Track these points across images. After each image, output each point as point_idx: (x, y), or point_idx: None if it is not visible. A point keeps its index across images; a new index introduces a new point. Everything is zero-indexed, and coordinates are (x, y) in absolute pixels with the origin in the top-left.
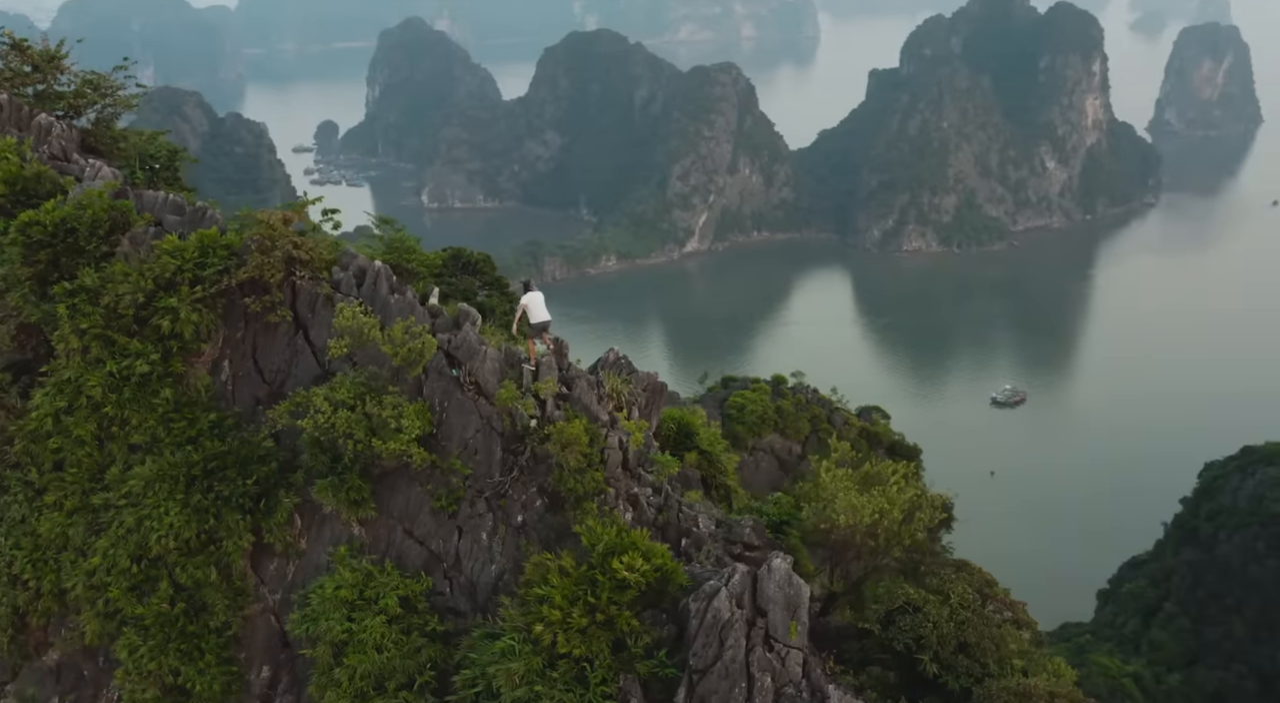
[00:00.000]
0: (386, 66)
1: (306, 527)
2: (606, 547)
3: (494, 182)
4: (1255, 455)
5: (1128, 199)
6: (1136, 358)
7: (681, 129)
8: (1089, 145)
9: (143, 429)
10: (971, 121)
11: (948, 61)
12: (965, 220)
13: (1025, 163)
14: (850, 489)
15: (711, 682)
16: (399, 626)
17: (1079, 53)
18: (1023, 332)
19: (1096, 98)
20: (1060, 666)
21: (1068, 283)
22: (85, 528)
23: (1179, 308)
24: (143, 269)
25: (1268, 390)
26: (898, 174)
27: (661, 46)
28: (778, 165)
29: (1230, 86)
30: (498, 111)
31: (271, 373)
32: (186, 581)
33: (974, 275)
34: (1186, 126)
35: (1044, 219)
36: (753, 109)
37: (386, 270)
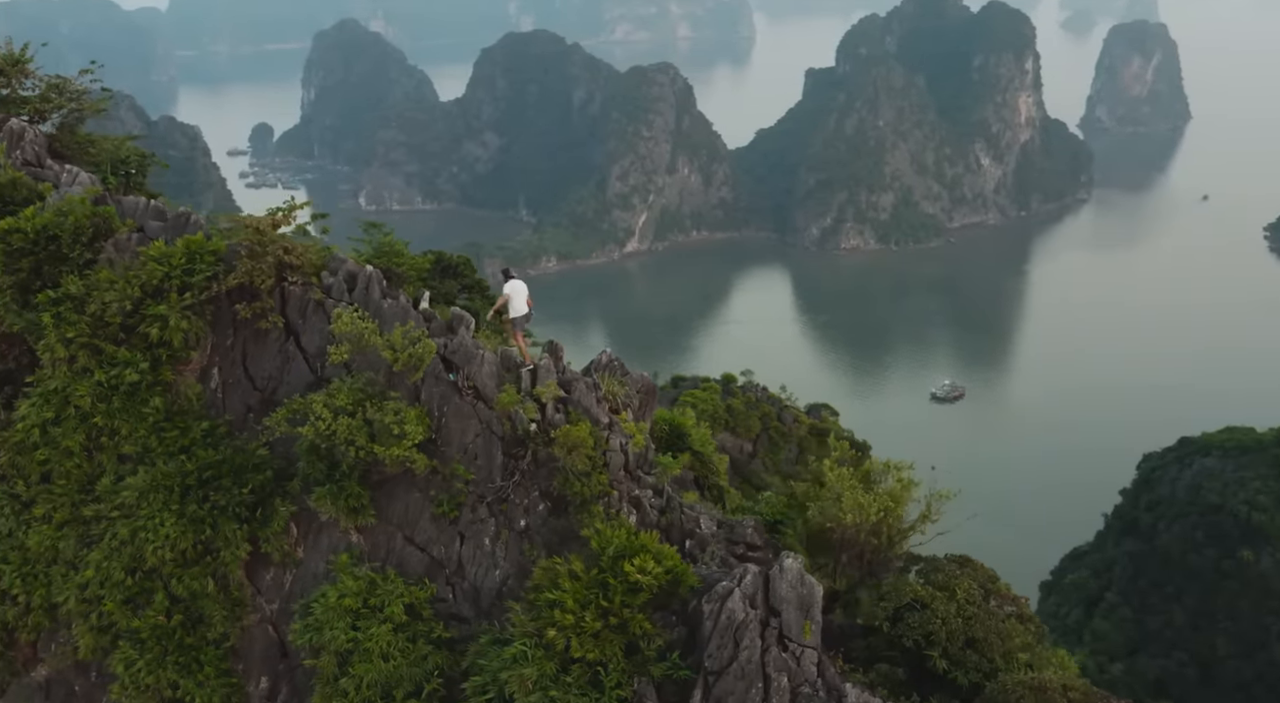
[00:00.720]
0: (321, 68)
1: (303, 535)
2: (617, 550)
3: (432, 183)
4: (1192, 447)
5: (1061, 195)
6: (1072, 352)
7: (620, 129)
8: (1022, 143)
9: (133, 439)
10: (907, 120)
11: (883, 61)
12: (902, 218)
13: (960, 160)
14: (855, 488)
15: (728, 683)
16: (405, 634)
17: (1011, 51)
18: (960, 328)
19: (1029, 96)
20: (1064, 658)
21: (1003, 279)
22: (76, 541)
23: (1112, 302)
24: (129, 276)
25: (1202, 383)
26: (835, 173)
27: (598, 47)
28: (716, 165)
29: (1159, 84)
30: (435, 113)
31: (262, 380)
32: (183, 592)
33: (911, 272)
34: (1117, 123)
35: (979, 216)
36: (690, 109)
37: (378, 275)
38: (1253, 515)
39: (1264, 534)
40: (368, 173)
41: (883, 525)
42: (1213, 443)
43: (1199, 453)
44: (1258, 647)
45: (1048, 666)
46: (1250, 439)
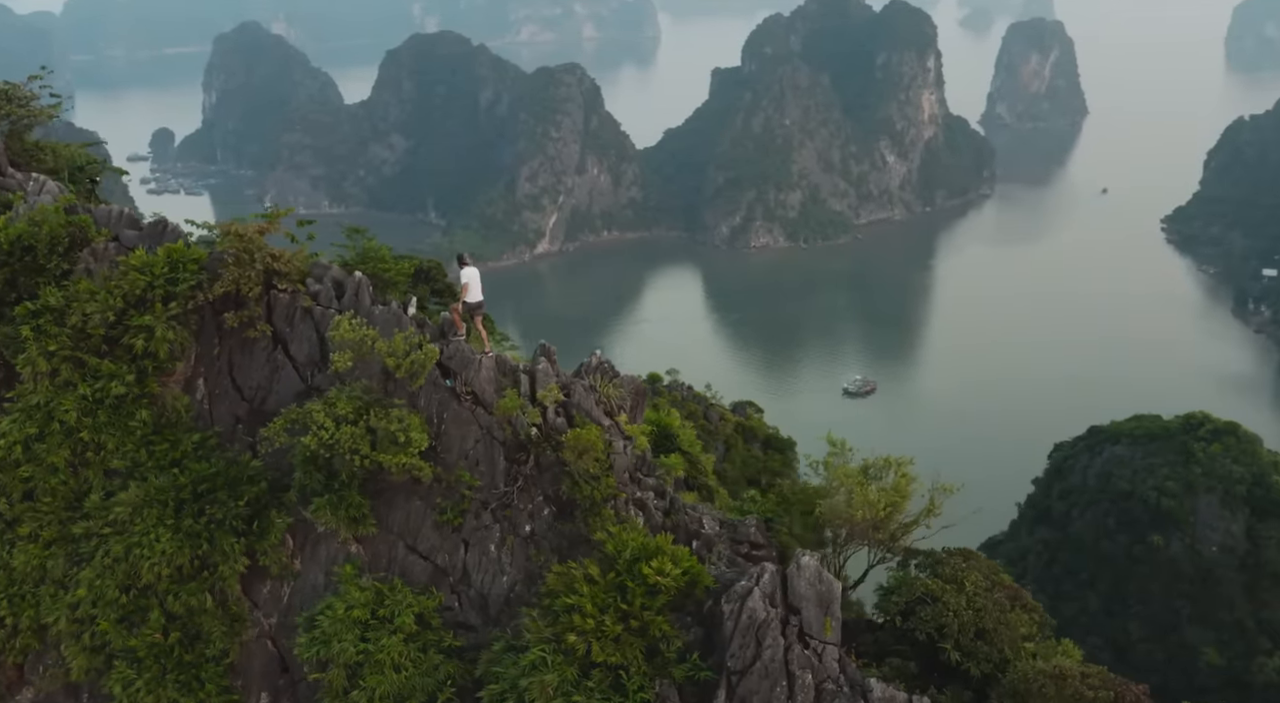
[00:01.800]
0: (223, 72)
1: (299, 547)
2: (634, 552)
3: (339, 187)
4: (1102, 435)
5: (964, 191)
6: (980, 345)
7: (529, 130)
8: (926, 139)
9: (121, 454)
10: (813, 118)
11: (788, 60)
12: (810, 215)
13: (866, 157)
14: (861, 484)
15: (752, 682)
16: (416, 644)
17: (914, 49)
18: (869, 323)
19: (932, 93)
20: (1068, 647)
21: (910, 274)
22: (65, 559)
23: (1018, 295)
24: (110, 287)
25: (1108, 372)
26: (743, 171)
27: (504, 48)
28: (625, 165)
29: (1057, 80)
30: (340, 116)
31: (251, 390)
32: (179, 609)
33: (820, 269)
34: (1017, 119)
35: (886, 212)
36: (599, 109)
37: (366, 281)
38: (1162, 501)
39: (1173, 520)
40: (272, 177)
41: (888, 521)
42: (1121, 431)
43: (1108, 441)
44: (1169, 629)
45: (1054, 654)
46: (1157, 427)
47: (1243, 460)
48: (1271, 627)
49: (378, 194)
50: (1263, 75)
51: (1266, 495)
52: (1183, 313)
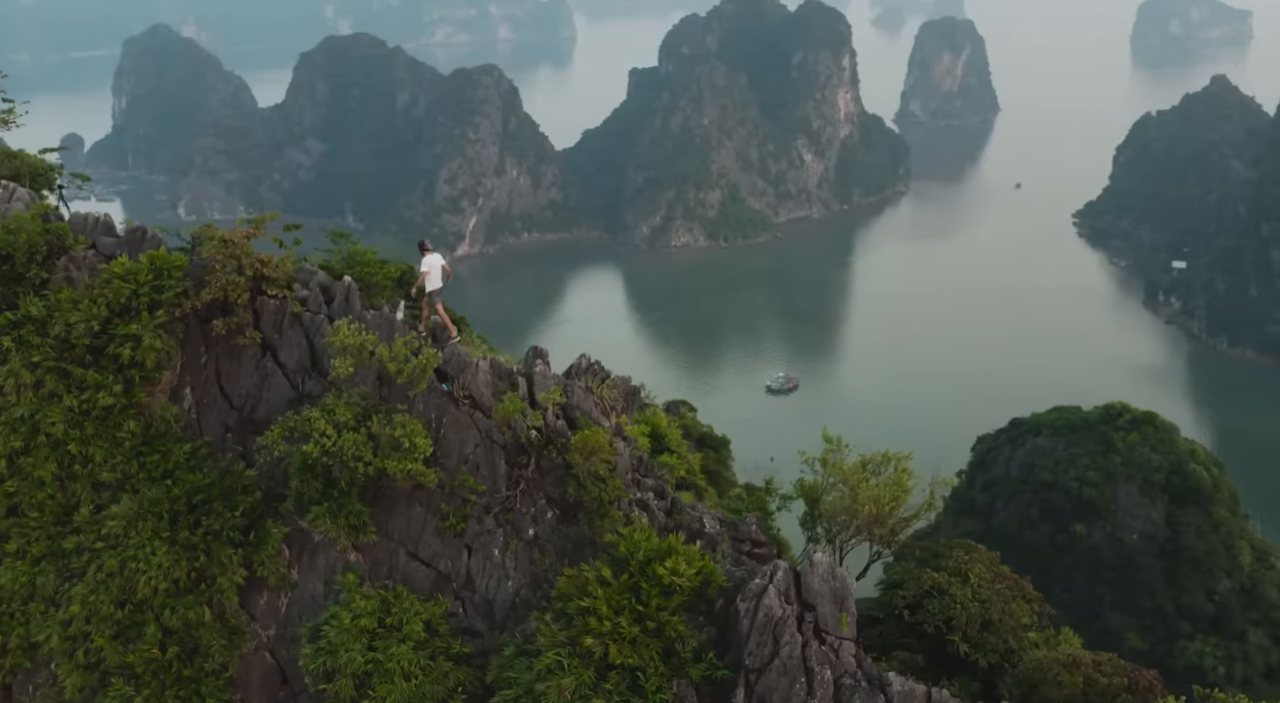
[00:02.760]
0: (133, 76)
1: (295, 557)
2: (647, 553)
3: (254, 191)
4: (1023, 427)
5: (881, 188)
6: (901, 340)
7: (447, 132)
8: (842, 138)
9: (110, 466)
10: (731, 118)
11: (705, 59)
12: (730, 214)
13: (784, 156)
14: (866, 479)
15: (770, 679)
16: (425, 651)
17: (829, 49)
18: (790, 320)
19: (847, 92)
20: (1068, 634)
21: (829, 271)
22: (56, 575)
23: (936, 289)
24: (94, 295)
25: (1027, 364)
26: (663, 171)
27: (419, 50)
28: (545, 166)
29: (969, 78)
30: (254, 120)
31: (240, 398)
32: (176, 623)
33: (740, 267)
34: (930, 117)
35: (804, 210)
36: (517, 111)
37: (356, 286)
38: (1083, 491)
39: (1094, 508)
40: (186, 182)
41: (890, 515)
42: (1042, 423)
43: (1030, 433)
44: (1092, 616)
45: (1055, 643)
46: (1077, 418)
47: (1161, 449)
48: (1191, 611)
49: (294, 199)
50: (1168, 71)
51: (1184, 483)
52: (1096, 305)
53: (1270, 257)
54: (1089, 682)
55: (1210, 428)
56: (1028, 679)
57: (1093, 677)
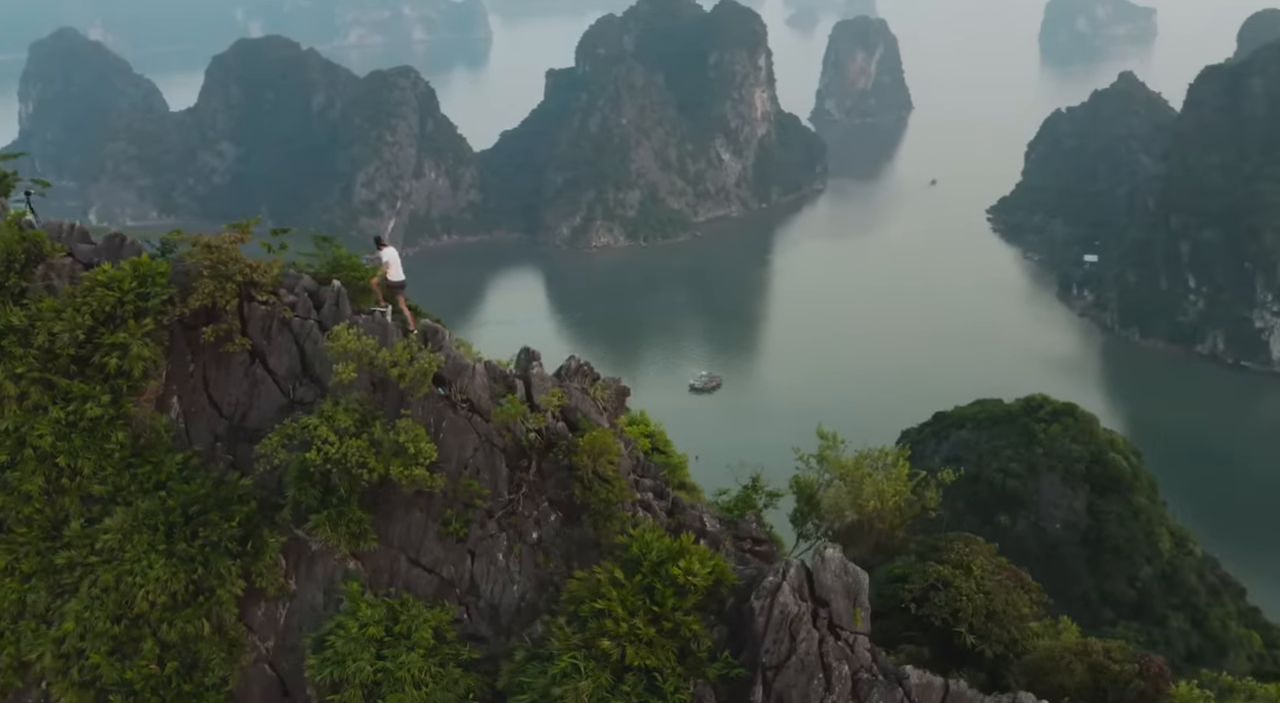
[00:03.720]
0: (39, 80)
1: (293, 566)
2: (659, 553)
3: (168, 197)
4: (947, 420)
5: (798, 186)
6: (822, 337)
7: (363, 135)
8: (760, 137)
9: (100, 478)
10: (649, 118)
11: (622, 60)
12: (650, 214)
13: (702, 156)
14: (869, 475)
15: (788, 676)
16: (435, 659)
17: (745, 48)
18: (712, 319)
19: (764, 91)
20: (1066, 622)
21: (749, 269)
22: (47, 592)
23: (855, 286)
24: (77, 304)
25: (948, 359)
26: (582, 172)
27: (333, 52)
28: (463, 168)
29: (882, 76)
30: (166, 124)
31: (229, 406)
32: (174, 637)
33: (661, 267)
34: (845, 115)
35: (723, 209)
36: (434, 112)
37: (345, 291)
38: (1007, 482)
39: (1018, 499)
40: (97, 188)
41: (893, 510)
42: (965, 416)
43: (954, 426)
44: None
45: (1057, 632)
46: (1000, 410)
47: (1081, 440)
48: (1113, 598)
49: (209, 203)
50: (1075, 69)
51: (1105, 472)
52: (1012, 300)
53: (1179, 249)
54: (1100, 669)
55: (1125, 417)
56: (1039, 667)
57: (1104, 664)
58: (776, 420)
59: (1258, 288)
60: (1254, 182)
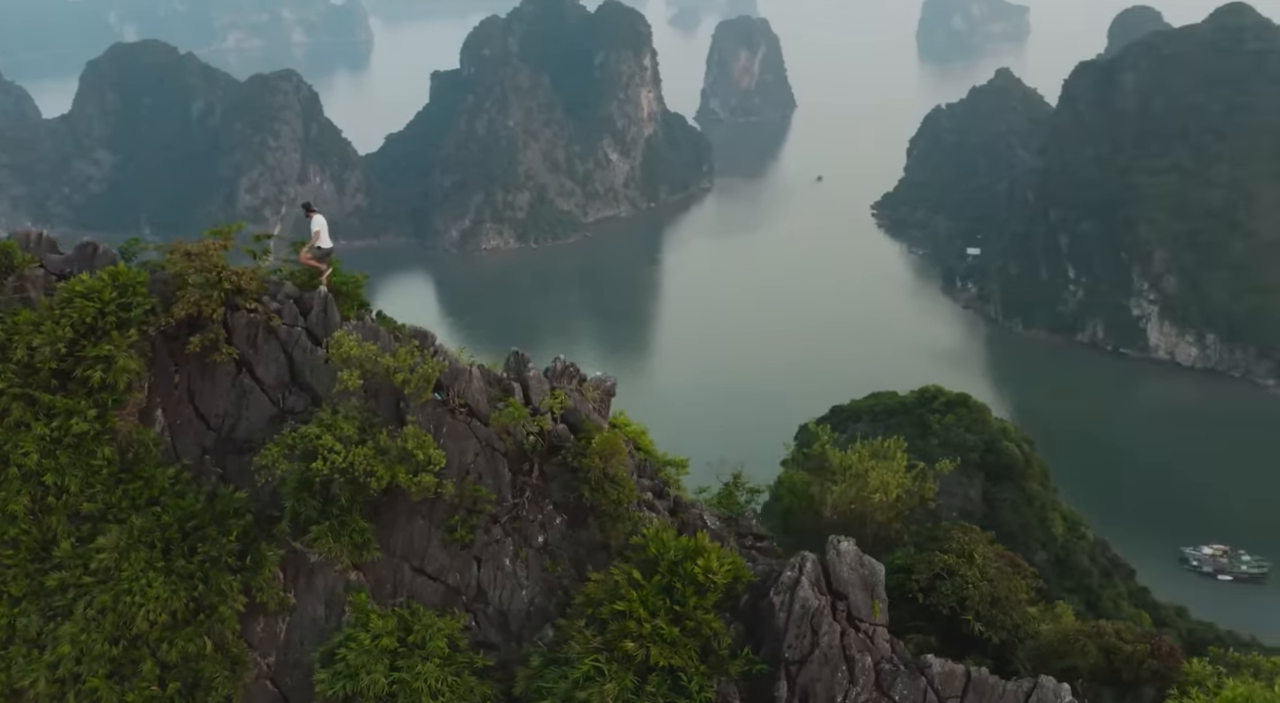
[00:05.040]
0: None
1: (291, 580)
2: (678, 553)
3: (43, 206)
4: (844, 414)
5: (686, 185)
6: (715, 335)
7: (245, 140)
8: (647, 137)
9: (89, 496)
10: (536, 119)
11: (507, 61)
12: (539, 216)
13: (590, 156)
14: (874, 468)
15: (812, 670)
16: (450, 668)
17: (630, 48)
18: (604, 319)
19: (650, 91)
20: (1061, 606)
21: (640, 269)
22: (39, 615)
23: (745, 283)
24: (56, 316)
25: (840, 354)
26: (470, 174)
27: (211, 56)
28: (349, 172)
29: (766, 75)
30: (40, 131)
31: (217, 418)
32: (174, 657)
33: (552, 268)
34: (730, 114)
35: (612, 210)
36: (318, 116)
37: (332, 297)
38: None
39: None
40: None
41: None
42: (862, 409)
43: (850, 419)
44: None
45: (1055, 616)
46: (894, 402)
47: (975, 429)
48: None
49: (85, 212)
50: (953, 66)
51: (998, 460)
52: (899, 293)
53: (1058, 241)
54: (1113, 650)
55: (1012, 406)
56: (1052, 650)
57: (1116, 645)
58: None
59: (1134, 277)
60: (1128, 174)
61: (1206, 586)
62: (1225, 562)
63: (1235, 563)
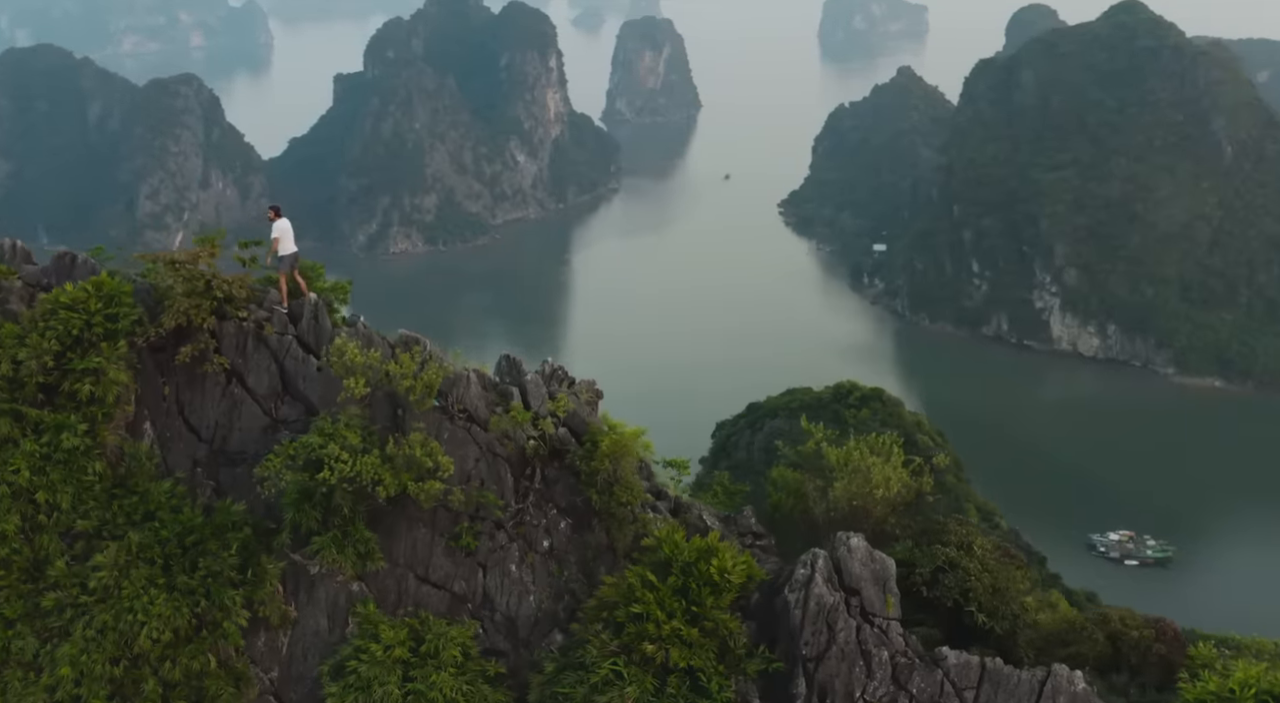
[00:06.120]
0: None
1: (291, 592)
2: (692, 553)
3: None
4: (760, 411)
5: (594, 186)
6: (627, 335)
7: (146, 145)
8: (554, 138)
9: (81, 513)
10: (443, 121)
11: (412, 63)
12: (447, 218)
13: (498, 158)
14: (877, 463)
15: (830, 666)
16: (464, 677)
17: (535, 50)
18: (515, 321)
19: (556, 92)
20: (1055, 595)
21: (550, 270)
22: (35, 637)
23: (656, 283)
24: (41, 329)
25: (752, 352)
26: (376, 177)
27: (107, 60)
28: (252, 176)
29: (671, 75)
30: None
31: (208, 430)
32: (177, 675)
33: (462, 271)
34: (636, 114)
35: (521, 211)
36: (219, 121)
37: (324, 303)
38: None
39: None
40: None
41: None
42: (778, 405)
43: (767, 416)
44: None
45: (1051, 605)
46: (810, 398)
47: (890, 423)
48: None
49: None
50: (855, 65)
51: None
52: (809, 291)
53: (963, 236)
54: (1119, 636)
55: (921, 400)
56: (1058, 639)
57: (1122, 632)
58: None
59: (1036, 270)
60: (1029, 170)
61: (1114, 571)
62: (1131, 547)
63: (1141, 548)
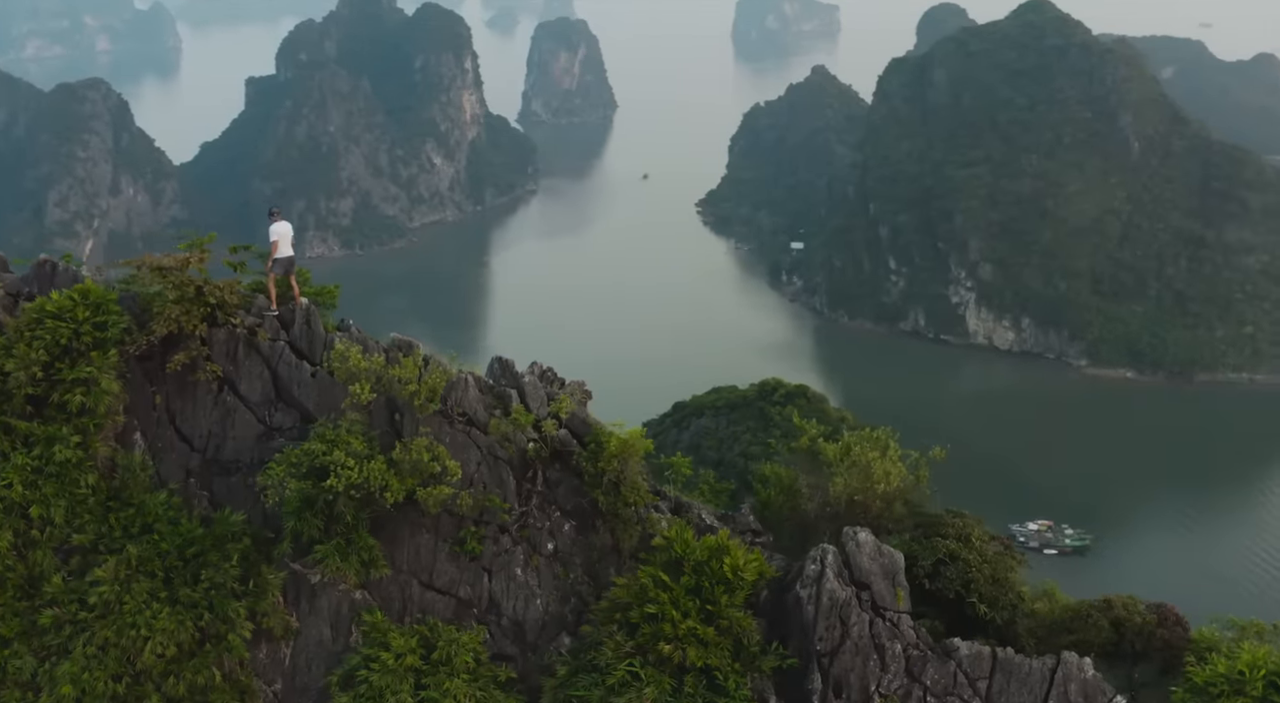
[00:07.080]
0: None
1: (293, 602)
2: (703, 552)
3: None
4: (686, 410)
5: (512, 187)
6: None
7: (52, 152)
8: (471, 140)
9: (75, 526)
10: (357, 124)
11: (325, 65)
12: (364, 222)
13: (414, 160)
14: (878, 459)
15: (845, 660)
16: (477, 683)
17: (450, 51)
18: (434, 323)
19: (472, 94)
20: (1050, 584)
21: (468, 272)
22: (32, 656)
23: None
24: (28, 339)
25: (674, 351)
26: (291, 181)
27: (11, 65)
28: (164, 182)
29: (586, 76)
30: None
31: (200, 439)
32: (180, 690)
33: (380, 275)
34: (552, 115)
35: (439, 214)
36: (128, 126)
37: (316, 308)
38: (749, 466)
39: (759, 480)
40: None
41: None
42: (704, 404)
43: (693, 415)
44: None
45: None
46: (735, 396)
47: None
48: None
49: None
50: (767, 64)
51: None
52: (728, 289)
53: (879, 233)
54: (1123, 622)
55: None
56: (1062, 627)
57: (1126, 617)
58: None
59: (952, 266)
60: (942, 167)
61: (1034, 560)
62: (1050, 536)
63: (1059, 537)
